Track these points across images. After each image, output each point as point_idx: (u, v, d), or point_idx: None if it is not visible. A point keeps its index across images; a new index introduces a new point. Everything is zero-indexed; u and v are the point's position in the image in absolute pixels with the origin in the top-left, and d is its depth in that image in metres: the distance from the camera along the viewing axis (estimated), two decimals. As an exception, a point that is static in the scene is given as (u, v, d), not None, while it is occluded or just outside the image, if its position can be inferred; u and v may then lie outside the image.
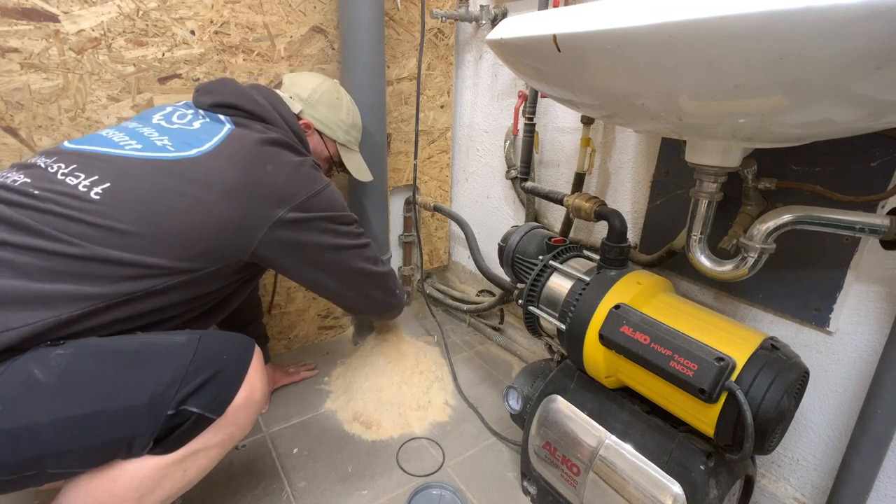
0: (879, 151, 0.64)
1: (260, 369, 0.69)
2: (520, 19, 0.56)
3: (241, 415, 0.66)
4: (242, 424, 0.68)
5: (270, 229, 0.73)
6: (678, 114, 0.51)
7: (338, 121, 0.97)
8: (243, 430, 0.69)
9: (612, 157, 1.04)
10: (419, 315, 1.56)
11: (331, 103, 0.96)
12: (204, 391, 0.62)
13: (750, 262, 0.66)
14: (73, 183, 0.64)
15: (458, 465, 0.99)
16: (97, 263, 0.61)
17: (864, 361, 0.73)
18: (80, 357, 0.59)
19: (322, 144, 0.97)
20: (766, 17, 0.35)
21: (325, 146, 0.97)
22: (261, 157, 0.74)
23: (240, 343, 0.70)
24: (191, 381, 0.61)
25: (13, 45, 0.82)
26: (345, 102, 0.99)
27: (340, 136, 0.98)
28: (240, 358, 0.68)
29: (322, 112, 0.94)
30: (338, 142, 0.98)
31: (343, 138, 0.99)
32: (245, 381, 0.66)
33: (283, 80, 0.96)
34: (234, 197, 0.70)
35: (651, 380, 0.67)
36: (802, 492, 0.83)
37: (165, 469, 0.62)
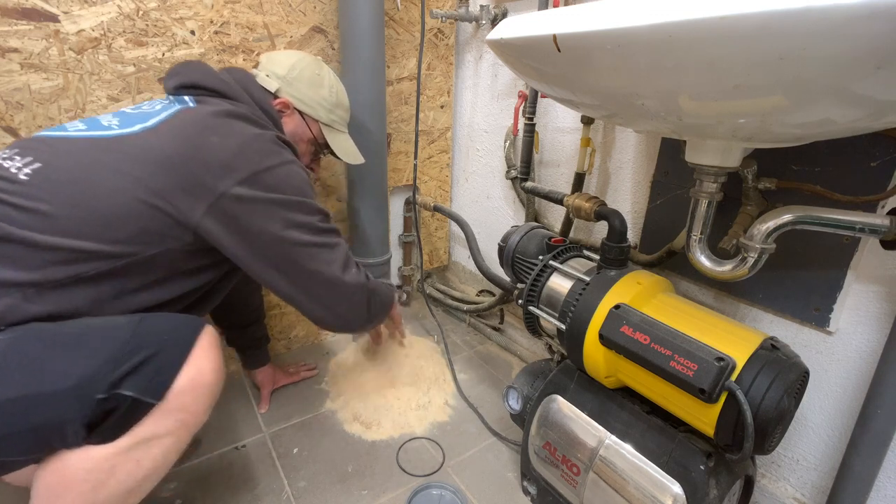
0: (879, 151, 0.64)
1: (209, 350, 0.64)
2: (520, 19, 0.56)
3: (189, 399, 0.61)
4: (193, 410, 0.62)
5: (214, 205, 0.66)
6: (678, 114, 0.51)
7: (319, 99, 0.91)
8: (196, 417, 0.63)
9: (612, 157, 1.04)
10: (419, 315, 1.56)
11: (311, 80, 0.89)
12: (139, 373, 0.57)
13: (750, 262, 0.66)
14: (7, 166, 0.62)
15: (458, 465, 0.99)
16: (22, 247, 0.58)
17: (864, 361, 0.73)
18: (19, 342, 0.57)
19: (304, 125, 0.91)
20: (766, 17, 0.35)
21: (308, 127, 0.91)
22: (208, 127, 0.68)
23: (186, 323, 0.65)
24: (125, 362, 0.57)
25: (13, 45, 0.82)
26: (327, 79, 0.93)
27: (323, 115, 0.92)
28: (183, 337, 0.63)
29: (301, 90, 0.88)
30: (321, 122, 0.92)
31: (326, 117, 0.92)
32: (189, 361, 0.61)
33: (261, 59, 0.91)
34: (169, 168, 0.64)
35: (651, 380, 0.67)
36: (802, 492, 0.83)
37: (113, 459, 0.58)
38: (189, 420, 0.63)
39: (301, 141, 0.91)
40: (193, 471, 0.95)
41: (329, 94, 0.92)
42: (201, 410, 0.64)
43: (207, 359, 0.63)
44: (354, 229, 1.28)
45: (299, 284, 0.76)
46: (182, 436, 0.64)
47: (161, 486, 0.91)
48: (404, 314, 1.55)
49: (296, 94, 0.88)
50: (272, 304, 1.27)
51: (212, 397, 0.65)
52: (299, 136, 0.90)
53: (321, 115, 0.92)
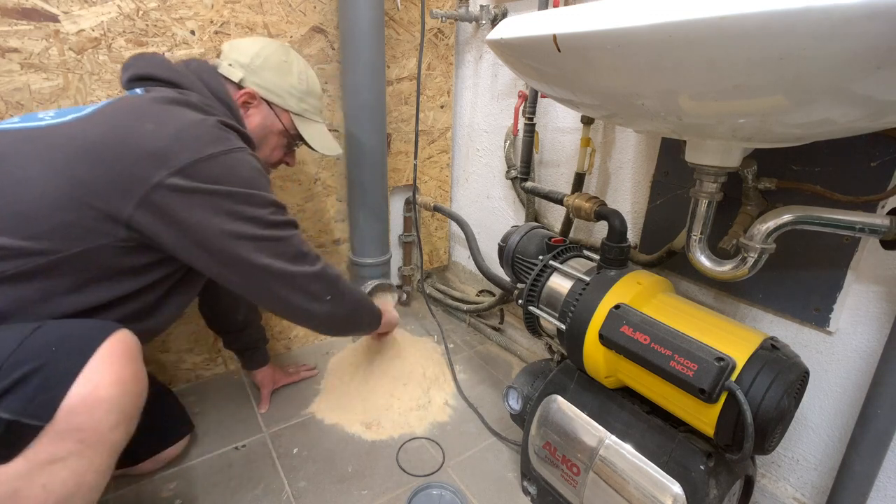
0: (879, 151, 0.64)
1: (112, 360, 0.57)
2: (520, 19, 0.56)
3: (83, 419, 0.54)
4: (92, 429, 0.55)
5: (146, 198, 0.60)
6: (678, 114, 0.51)
7: (288, 87, 0.85)
8: (100, 435, 0.56)
9: (612, 157, 1.04)
10: (419, 315, 1.56)
11: (278, 67, 0.84)
12: (16, 392, 0.52)
13: (750, 262, 0.66)
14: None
15: (458, 465, 0.99)
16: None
17: (864, 361, 0.73)
18: None
19: (272, 116, 0.85)
20: (766, 17, 0.35)
21: (278, 118, 0.85)
22: (143, 114, 0.63)
23: (86, 330, 0.58)
24: (1, 380, 0.52)
25: (13, 45, 0.82)
26: (295, 66, 0.86)
27: (293, 104, 0.86)
28: (77, 348, 0.56)
29: (268, 78, 0.83)
30: (291, 111, 0.86)
31: (297, 107, 0.87)
32: (82, 376, 0.54)
33: (223, 47, 0.85)
34: (94, 157, 0.59)
35: (651, 380, 0.67)
36: (802, 492, 0.83)
37: (14, 483, 0.53)
38: (92, 439, 0.56)
39: (271, 133, 0.86)
40: (193, 471, 0.95)
41: (298, 81, 0.86)
42: (105, 428, 0.56)
43: (107, 371, 0.56)
44: (354, 229, 1.28)
45: (252, 281, 0.71)
46: (92, 456, 0.56)
47: (161, 486, 0.91)
48: (405, 314, 1.55)
49: (262, 84, 0.83)
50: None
51: (118, 412, 0.57)
52: (268, 128, 0.85)
53: (291, 104, 0.86)
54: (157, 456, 0.92)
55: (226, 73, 0.81)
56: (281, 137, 0.88)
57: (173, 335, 1.13)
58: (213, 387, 1.19)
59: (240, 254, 0.67)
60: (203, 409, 1.11)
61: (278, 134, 0.87)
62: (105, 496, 0.89)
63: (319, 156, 1.22)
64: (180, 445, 0.96)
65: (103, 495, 0.89)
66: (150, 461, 0.92)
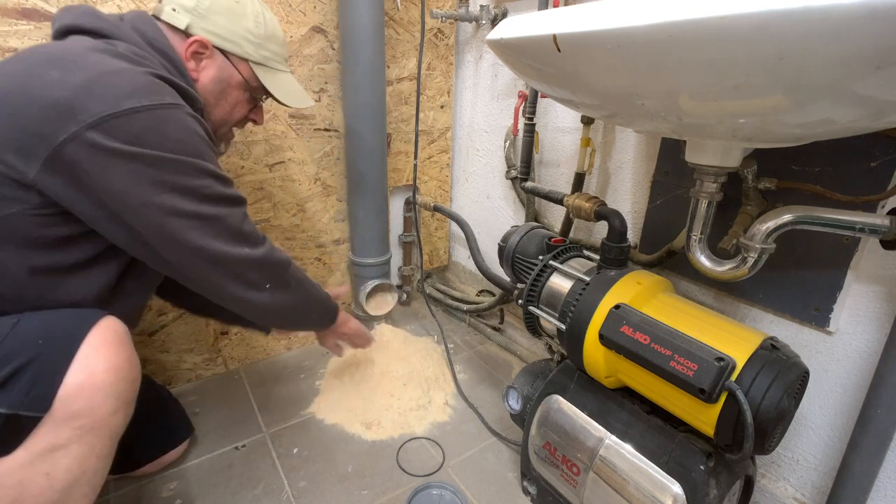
0: (879, 151, 0.64)
1: (104, 347, 0.57)
2: (520, 19, 0.56)
3: (81, 405, 0.55)
4: (91, 415, 0.56)
5: (53, 156, 0.53)
6: (678, 114, 0.51)
7: (243, 32, 0.73)
8: (99, 420, 0.57)
9: (612, 157, 1.04)
10: (419, 315, 1.56)
11: (229, 10, 0.72)
12: (11, 387, 0.52)
13: (750, 262, 0.66)
14: None
15: (458, 465, 0.99)
16: None
17: (864, 361, 0.73)
18: None
19: (229, 67, 0.74)
20: (766, 17, 0.35)
21: (236, 68, 0.74)
22: (50, 61, 0.55)
23: (70, 319, 0.57)
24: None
25: (13, 45, 0.82)
26: (249, 7, 0.74)
27: (251, 51, 0.74)
28: (66, 337, 0.56)
29: (218, 22, 0.71)
30: (250, 60, 0.75)
31: (256, 54, 0.75)
32: (75, 363, 0.54)
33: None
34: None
35: (651, 380, 0.67)
36: (802, 492, 0.83)
37: (17, 473, 0.54)
38: (91, 425, 0.56)
39: (229, 87, 0.75)
40: (193, 471, 0.95)
41: (255, 25, 0.75)
42: (103, 413, 0.57)
43: (100, 357, 0.56)
44: (354, 229, 1.28)
45: (183, 264, 0.63)
46: (93, 441, 0.57)
47: (161, 487, 0.91)
48: (405, 314, 1.55)
49: (213, 30, 0.71)
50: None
51: (115, 397, 0.58)
52: (226, 81, 0.74)
53: (249, 51, 0.74)
54: (157, 460, 0.93)
55: (169, 20, 0.69)
56: (242, 91, 0.77)
57: (173, 335, 1.13)
58: (213, 387, 1.19)
59: (167, 231, 0.59)
60: (203, 409, 1.11)
61: (238, 87, 0.76)
62: (105, 496, 0.89)
63: (318, 155, 1.22)
64: (180, 449, 0.96)
65: (103, 496, 0.89)
66: (150, 464, 0.92)
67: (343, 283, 1.38)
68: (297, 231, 1.25)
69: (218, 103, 0.76)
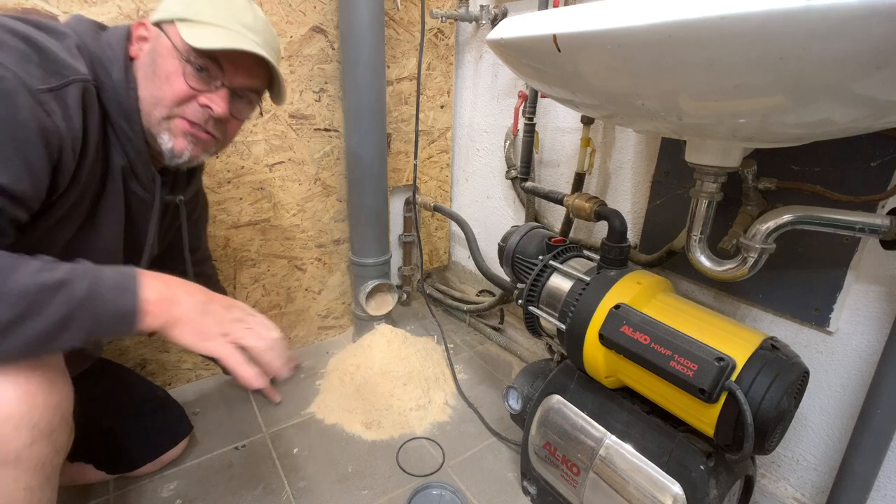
0: (879, 151, 0.64)
1: (10, 372, 0.51)
2: (520, 19, 0.56)
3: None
4: (5, 448, 0.51)
5: None
6: (678, 114, 0.51)
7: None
8: (16, 453, 0.52)
9: (612, 157, 1.04)
10: (419, 315, 1.56)
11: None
12: None
13: (750, 262, 0.66)
14: None
15: (458, 465, 0.99)
16: None
17: (864, 361, 0.73)
18: None
19: (161, 36, 0.64)
20: (766, 16, 0.35)
21: (166, 35, 0.64)
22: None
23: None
24: None
25: (13, 45, 0.82)
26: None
27: (178, 9, 0.64)
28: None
29: (165, 4, 0.65)
30: (176, 19, 0.64)
31: (182, 11, 0.64)
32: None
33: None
34: None
35: (651, 380, 0.67)
36: (802, 492, 0.83)
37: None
38: (7, 458, 0.51)
39: (159, 57, 0.63)
40: (193, 471, 0.95)
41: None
42: (17, 446, 0.52)
43: (7, 385, 0.51)
44: (354, 229, 1.28)
45: None
46: (15, 475, 0.52)
47: (161, 486, 0.91)
48: (405, 314, 1.55)
49: (157, 11, 0.65)
50: (272, 305, 1.27)
51: (30, 427, 0.52)
52: (155, 52, 0.63)
53: (174, 9, 0.64)
54: (157, 459, 0.93)
55: (155, 19, 0.65)
56: (172, 59, 0.63)
57: (173, 335, 1.13)
58: (213, 387, 1.19)
59: None
60: (203, 409, 1.11)
61: (168, 55, 0.63)
62: (105, 496, 0.89)
63: (318, 155, 1.22)
64: (179, 448, 0.96)
65: (104, 495, 0.89)
66: (150, 464, 0.92)
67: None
68: (297, 231, 1.25)
69: (147, 79, 0.64)
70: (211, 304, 0.60)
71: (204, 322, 0.58)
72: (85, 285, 0.51)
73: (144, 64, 0.64)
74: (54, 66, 0.53)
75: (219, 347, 0.59)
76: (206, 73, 0.64)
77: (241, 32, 0.65)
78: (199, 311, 0.58)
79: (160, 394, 1.00)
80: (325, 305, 1.37)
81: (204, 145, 0.69)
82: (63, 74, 0.54)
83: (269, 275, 1.23)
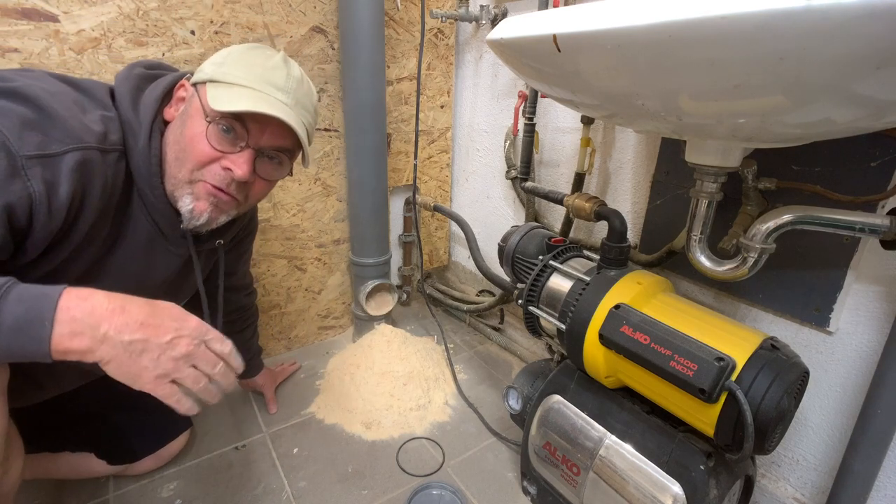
0: (879, 151, 0.64)
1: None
2: (520, 19, 0.56)
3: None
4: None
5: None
6: (678, 114, 0.51)
7: (219, 59, 0.66)
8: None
9: (612, 157, 1.04)
10: (419, 315, 1.56)
11: (241, 59, 0.66)
12: None
13: (750, 262, 0.66)
14: None
15: (458, 465, 0.99)
16: None
17: (864, 361, 0.73)
18: None
19: (193, 95, 0.65)
20: (766, 16, 0.35)
21: (197, 94, 0.64)
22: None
23: None
24: None
25: (13, 45, 0.82)
26: (269, 52, 0.68)
27: (209, 70, 0.65)
28: None
29: (204, 66, 0.67)
30: (208, 80, 0.64)
31: (213, 72, 0.65)
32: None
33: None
34: None
35: (651, 380, 0.67)
36: (802, 492, 0.83)
37: None
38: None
39: (188, 117, 0.64)
40: (193, 471, 0.95)
41: (229, 52, 0.67)
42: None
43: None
44: (354, 229, 1.28)
45: None
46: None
47: (161, 486, 0.91)
48: (405, 314, 1.55)
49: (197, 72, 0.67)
50: (272, 305, 1.27)
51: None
52: (186, 112, 0.65)
53: (207, 71, 0.65)
54: (157, 453, 0.93)
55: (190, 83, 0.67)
56: (198, 119, 0.63)
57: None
58: (213, 387, 1.19)
59: None
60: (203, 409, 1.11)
61: (196, 114, 0.63)
62: (105, 496, 0.89)
63: (318, 155, 1.22)
64: (181, 441, 0.96)
65: (104, 495, 0.89)
66: (151, 458, 0.92)
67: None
68: (297, 231, 1.25)
69: (176, 141, 0.65)
70: (148, 341, 0.52)
71: (136, 363, 0.52)
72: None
73: (176, 126, 0.65)
74: (58, 135, 0.55)
75: (155, 388, 0.54)
76: (232, 133, 0.64)
77: (268, 93, 0.64)
78: (130, 352, 0.51)
79: None
80: (325, 305, 1.37)
81: (225, 206, 0.68)
82: (65, 142, 0.55)
83: (268, 275, 1.23)
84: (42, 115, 0.54)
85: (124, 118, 0.62)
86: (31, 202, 0.52)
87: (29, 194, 0.52)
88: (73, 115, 0.57)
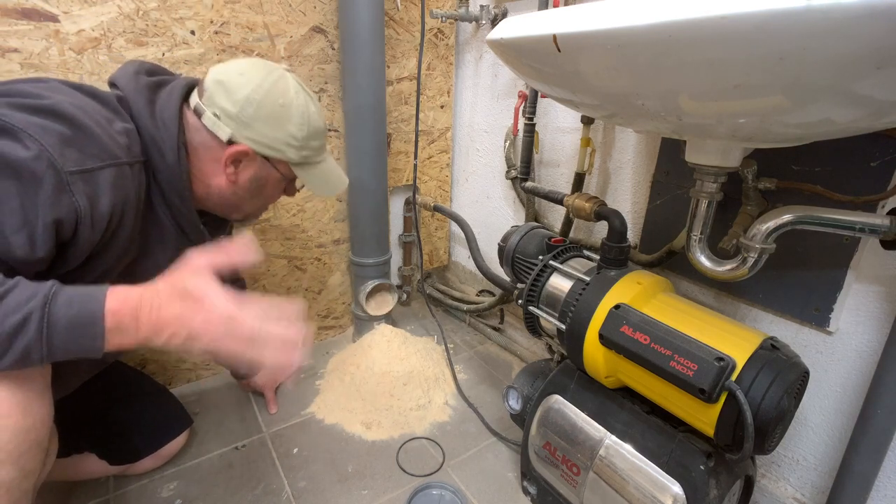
0: (879, 151, 0.64)
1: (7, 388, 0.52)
2: (520, 19, 0.56)
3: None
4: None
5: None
6: (678, 114, 0.51)
7: (286, 137, 0.71)
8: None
9: (612, 157, 1.04)
10: (419, 315, 1.56)
11: (274, 115, 0.69)
12: None
13: (750, 262, 0.66)
14: None
15: (458, 465, 0.99)
16: None
17: (864, 361, 0.73)
18: None
19: (269, 168, 0.74)
20: (767, 16, 0.35)
21: (275, 168, 0.74)
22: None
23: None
24: None
25: (13, 45, 0.82)
26: (295, 108, 0.71)
27: (292, 154, 0.73)
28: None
29: (262, 131, 0.69)
30: (290, 162, 0.74)
31: (296, 156, 0.74)
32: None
33: (207, 85, 0.69)
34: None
35: (651, 380, 0.67)
36: (802, 492, 0.83)
37: None
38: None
39: (267, 185, 0.76)
40: (193, 471, 0.95)
41: (298, 127, 0.72)
42: (10, 458, 0.52)
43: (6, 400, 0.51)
44: (354, 229, 1.28)
45: None
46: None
47: (161, 486, 0.91)
48: (405, 314, 1.55)
49: (255, 138, 0.70)
50: (272, 304, 1.27)
51: (22, 442, 0.52)
52: (264, 179, 0.75)
53: (290, 155, 0.73)
54: (158, 452, 0.93)
55: (211, 128, 0.68)
56: (279, 184, 0.78)
57: (173, 335, 1.13)
58: (213, 387, 1.19)
59: None
60: (203, 409, 1.11)
61: (275, 183, 0.77)
62: (105, 496, 0.89)
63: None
64: (181, 440, 0.97)
65: (104, 495, 0.89)
66: (152, 458, 0.92)
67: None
68: (297, 231, 1.25)
69: (253, 198, 0.78)
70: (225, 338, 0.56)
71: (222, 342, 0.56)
72: (39, 325, 0.50)
73: (249, 188, 0.75)
74: (94, 150, 0.57)
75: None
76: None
77: (329, 155, 0.82)
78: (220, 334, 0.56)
79: (161, 388, 1.01)
80: (325, 305, 1.37)
81: None
82: (101, 158, 0.58)
83: (268, 275, 1.23)
84: (77, 132, 0.56)
85: (145, 132, 0.65)
86: (77, 216, 0.56)
87: (75, 209, 0.55)
88: (104, 130, 0.60)
